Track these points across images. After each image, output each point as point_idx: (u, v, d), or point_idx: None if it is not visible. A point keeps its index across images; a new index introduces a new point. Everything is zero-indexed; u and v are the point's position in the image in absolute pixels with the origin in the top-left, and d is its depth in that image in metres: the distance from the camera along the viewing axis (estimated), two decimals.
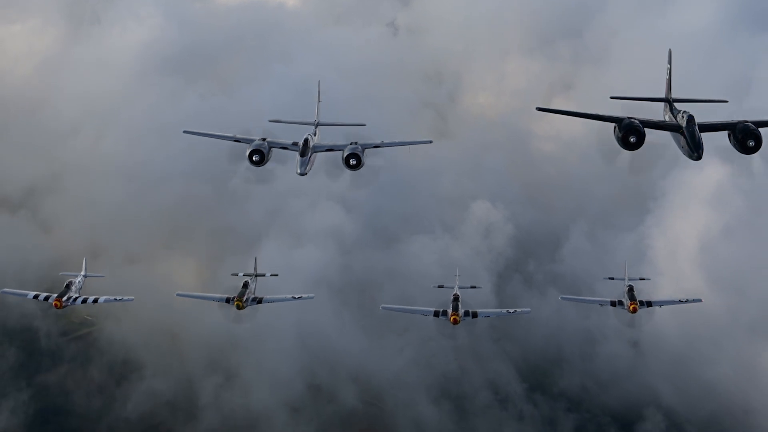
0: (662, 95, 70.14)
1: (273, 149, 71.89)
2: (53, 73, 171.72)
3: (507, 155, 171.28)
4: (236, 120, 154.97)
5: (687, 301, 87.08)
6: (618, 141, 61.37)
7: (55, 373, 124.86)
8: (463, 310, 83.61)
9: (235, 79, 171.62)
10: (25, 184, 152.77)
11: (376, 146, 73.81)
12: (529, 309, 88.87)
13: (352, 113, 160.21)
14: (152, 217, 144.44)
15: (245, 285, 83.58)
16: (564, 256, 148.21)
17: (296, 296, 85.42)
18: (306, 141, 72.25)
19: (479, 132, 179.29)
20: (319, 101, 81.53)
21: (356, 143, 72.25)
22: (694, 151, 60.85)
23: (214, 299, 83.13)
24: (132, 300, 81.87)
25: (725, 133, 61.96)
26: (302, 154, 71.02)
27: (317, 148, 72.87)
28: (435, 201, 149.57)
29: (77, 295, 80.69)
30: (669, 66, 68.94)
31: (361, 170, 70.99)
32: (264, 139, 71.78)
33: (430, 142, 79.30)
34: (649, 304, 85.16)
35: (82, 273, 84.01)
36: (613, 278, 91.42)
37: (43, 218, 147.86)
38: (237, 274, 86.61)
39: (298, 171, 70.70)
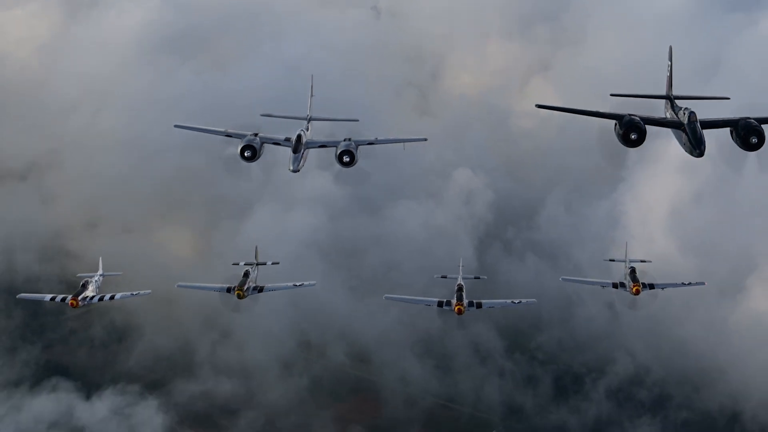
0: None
1: (265, 145, 69.92)
2: (52, 54, 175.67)
3: (487, 131, 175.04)
4: (229, 96, 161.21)
5: (690, 284, 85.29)
6: (618, 138, 60.49)
7: (61, 331, 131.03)
8: (467, 301, 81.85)
9: (228, 58, 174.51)
10: (27, 159, 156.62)
11: (370, 143, 72.15)
12: (534, 299, 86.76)
13: (339, 91, 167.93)
14: (149, 188, 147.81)
15: (246, 274, 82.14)
16: (541, 224, 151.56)
17: (297, 284, 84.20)
18: (299, 137, 70.70)
19: (460, 110, 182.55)
20: (311, 95, 79.78)
21: (350, 140, 70.64)
22: (696, 147, 59.94)
23: (214, 289, 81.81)
24: (149, 293, 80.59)
25: (727, 130, 60.93)
26: (295, 151, 69.73)
27: (310, 145, 71.42)
28: (419, 170, 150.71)
29: (94, 294, 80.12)
30: (670, 63, 68.01)
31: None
32: (256, 135, 69.99)
33: (425, 140, 77.24)
34: (652, 286, 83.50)
35: (99, 272, 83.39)
36: (614, 260, 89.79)
37: (44, 191, 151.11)
38: (238, 264, 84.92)
39: (291, 168, 69.45)
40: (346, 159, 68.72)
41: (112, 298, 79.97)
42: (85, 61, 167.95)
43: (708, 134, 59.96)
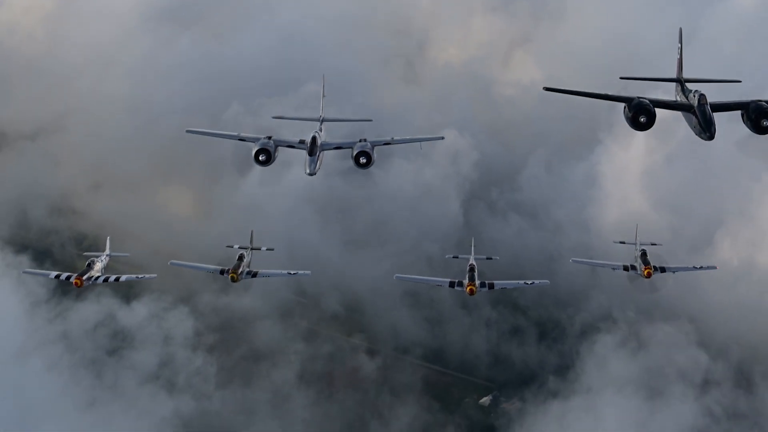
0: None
1: (279, 148, 68.53)
2: (57, 23, 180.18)
3: (471, 98, 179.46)
4: (226, 64, 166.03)
5: (702, 267, 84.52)
6: (628, 121, 59.38)
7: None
8: (479, 281, 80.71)
9: (225, 27, 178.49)
10: (35, 123, 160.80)
11: (386, 143, 70.84)
12: (547, 281, 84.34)
13: (329, 59, 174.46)
14: (151, 149, 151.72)
15: (240, 257, 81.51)
16: (522, 184, 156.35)
17: (292, 272, 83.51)
18: (314, 139, 68.88)
19: (446, 79, 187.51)
20: (323, 96, 77.99)
21: (365, 140, 69.17)
22: (706, 130, 58.77)
23: (208, 270, 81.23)
24: (155, 277, 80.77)
25: (738, 113, 59.90)
26: (310, 153, 67.85)
27: (325, 146, 69.85)
28: (408, 131, 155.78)
29: (99, 274, 79.21)
30: (680, 45, 66.32)
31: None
32: (270, 138, 68.67)
33: (442, 138, 77.17)
34: (663, 269, 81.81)
35: (106, 252, 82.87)
36: (624, 242, 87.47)
37: (52, 153, 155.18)
38: (232, 246, 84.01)
39: (307, 171, 67.75)
40: (362, 160, 67.96)
41: (117, 279, 79.66)
42: (89, 29, 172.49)
43: (718, 117, 58.98)
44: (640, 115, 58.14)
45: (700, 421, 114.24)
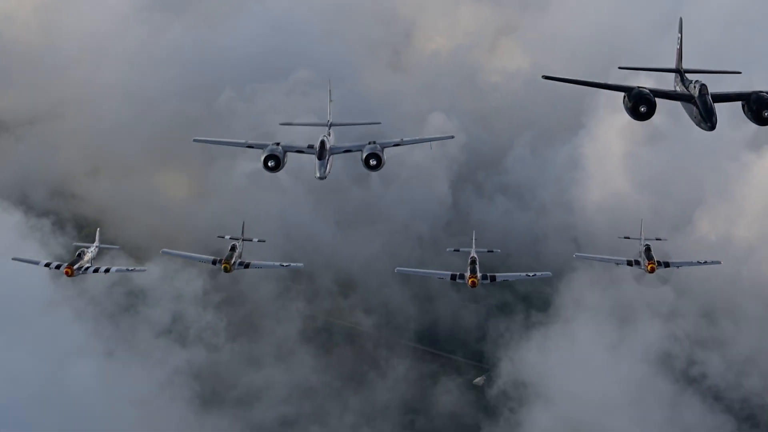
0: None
1: (288, 153, 68.81)
2: (51, 14, 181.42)
3: (458, 84, 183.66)
4: (218, 52, 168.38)
5: (706, 262, 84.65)
6: (627, 111, 59.02)
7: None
8: (481, 274, 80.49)
9: (217, 15, 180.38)
10: (32, 111, 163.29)
11: (396, 144, 70.19)
12: (549, 273, 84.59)
13: (319, 47, 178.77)
14: (147, 134, 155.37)
15: (233, 248, 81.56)
16: (508, 167, 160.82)
17: (285, 264, 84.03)
18: (323, 143, 69.44)
19: (433, 66, 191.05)
20: (330, 101, 78.30)
21: (375, 143, 68.84)
22: (707, 120, 58.24)
23: (201, 260, 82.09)
24: (144, 270, 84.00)
25: (739, 104, 59.41)
26: (320, 157, 68.36)
27: (334, 150, 70.05)
28: (396, 115, 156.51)
29: (89, 264, 79.47)
30: (680, 35, 65.72)
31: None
32: (278, 144, 68.66)
33: (452, 137, 76.71)
34: (667, 264, 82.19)
35: (96, 244, 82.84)
36: (629, 237, 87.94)
37: (50, 139, 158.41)
38: (223, 237, 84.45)
39: (317, 175, 68.23)
40: (372, 162, 67.61)
41: (107, 271, 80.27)
42: (83, 19, 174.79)
43: (719, 108, 58.63)
44: (640, 104, 58.06)
45: (666, 345, 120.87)
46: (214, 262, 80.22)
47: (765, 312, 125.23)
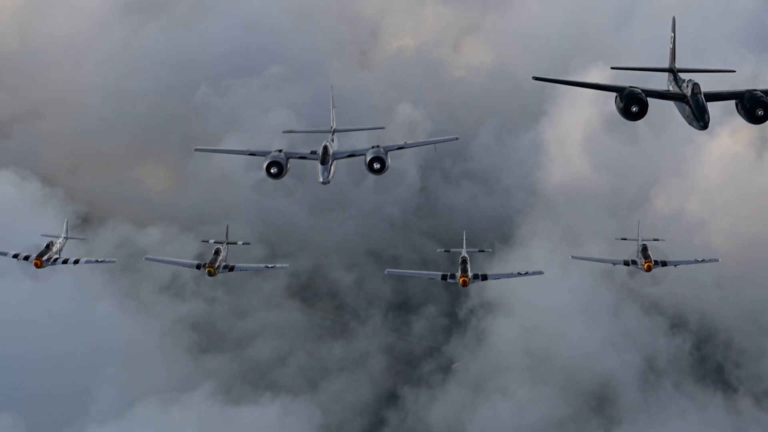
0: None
1: (291, 160, 68.89)
2: (30, 18, 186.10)
3: (423, 78, 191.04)
4: (193, 52, 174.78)
5: (703, 260, 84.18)
6: (619, 111, 58.50)
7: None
8: (472, 273, 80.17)
9: (191, 16, 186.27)
10: (10, 111, 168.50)
11: (400, 147, 70.44)
12: (542, 271, 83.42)
13: (290, 46, 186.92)
14: (126, 132, 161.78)
15: (217, 252, 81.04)
16: (474, 155, 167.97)
17: (269, 265, 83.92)
18: (325, 148, 69.34)
19: (399, 62, 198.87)
20: (333, 107, 78.58)
21: (378, 146, 69.03)
22: (700, 119, 57.83)
23: (185, 264, 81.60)
24: (114, 262, 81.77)
25: (733, 102, 59.27)
26: (323, 162, 68.40)
27: (337, 155, 70.12)
28: (365, 107, 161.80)
29: (58, 256, 79.01)
30: (673, 34, 65.79)
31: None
32: (281, 151, 68.71)
33: (456, 138, 77.58)
34: (664, 263, 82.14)
35: (63, 235, 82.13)
36: (626, 239, 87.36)
37: (30, 139, 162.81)
38: (208, 241, 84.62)
39: (320, 180, 68.34)
40: (376, 166, 68.09)
41: (76, 262, 79.31)
42: (61, 22, 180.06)
43: (712, 107, 58.33)
44: (632, 104, 57.79)
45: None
46: (198, 267, 79.50)
47: (697, 240, 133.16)
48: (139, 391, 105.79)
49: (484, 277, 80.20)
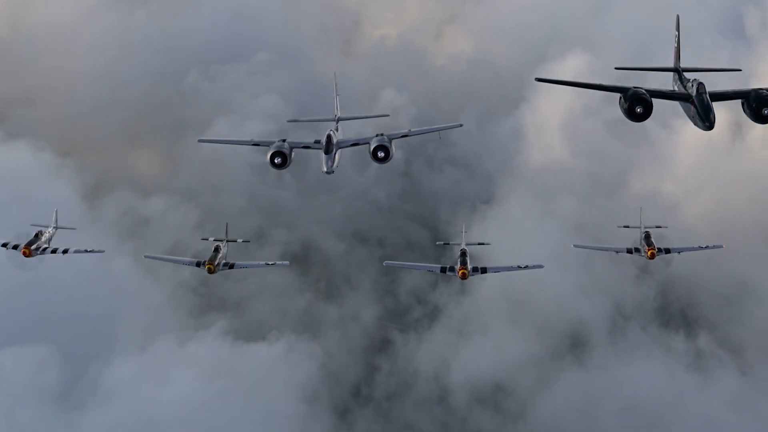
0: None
1: (295, 150, 67.81)
2: (22, 6, 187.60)
3: (406, 66, 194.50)
4: (181, 39, 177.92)
5: (707, 247, 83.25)
6: (623, 112, 57.31)
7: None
8: (471, 266, 79.36)
9: (179, 3, 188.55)
10: (2, 97, 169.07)
11: (404, 135, 68.97)
12: (542, 264, 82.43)
13: (275, 34, 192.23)
14: (117, 117, 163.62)
15: (216, 249, 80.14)
16: (455, 140, 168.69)
17: (270, 263, 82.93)
18: (329, 137, 68.09)
19: (382, 51, 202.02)
20: (336, 95, 77.88)
21: (383, 134, 67.40)
22: (705, 119, 56.87)
23: (184, 263, 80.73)
24: (103, 252, 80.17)
25: (738, 102, 58.12)
26: (326, 152, 67.01)
27: (342, 144, 68.67)
28: (349, 93, 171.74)
29: (47, 245, 78.21)
30: (677, 33, 64.61)
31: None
32: (284, 140, 67.71)
33: (461, 125, 76.05)
34: (668, 251, 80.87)
35: (53, 225, 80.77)
36: (628, 227, 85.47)
37: (22, 124, 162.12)
38: (207, 239, 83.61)
39: (324, 169, 66.96)
40: (381, 155, 66.45)
41: (65, 252, 78.29)
42: (51, 9, 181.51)
43: (718, 107, 57.35)
44: (637, 105, 56.48)
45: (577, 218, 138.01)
46: (198, 264, 78.82)
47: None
48: (158, 330, 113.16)
49: (484, 270, 79.28)
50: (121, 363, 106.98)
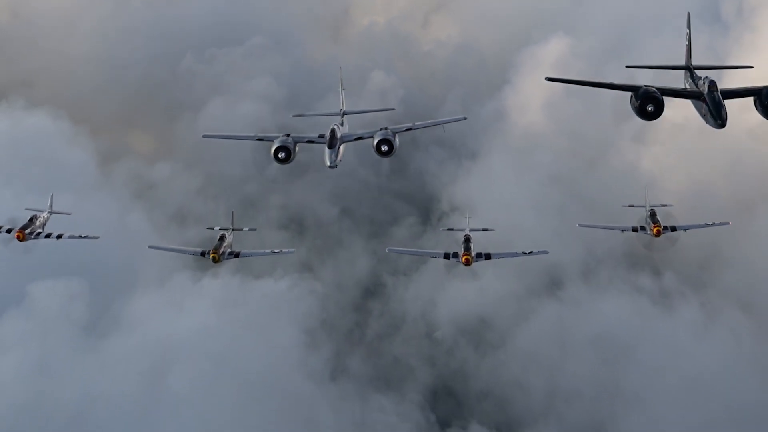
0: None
1: (299, 144, 69.68)
2: None
3: (393, 51, 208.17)
4: (177, 23, 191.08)
5: (714, 224, 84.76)
6: (635, 110, 58.35)
7: None
8: (475, 252, 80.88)
9: None
10: (2, 81, 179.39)
11: (408, 129, 71.32)
12: (547, 250, 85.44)
13: (268, 19, 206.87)
14: (116, 99, 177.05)
15: (221, 238, 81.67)
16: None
17: (276, 251, 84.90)
18: (333, 131, 69.82)
19: (371, 36, 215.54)
20: (342, 89, 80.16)
21: (386, 128, 69.55)
22: (717, 118, 57.62)
23: (188, 252, 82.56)
24: (98, 238, 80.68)
25: (750, 99, 59.37)
26: (330, 146, 68.78)
27: (345, 138, 70.66)
28: (337, 76, 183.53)
29: (41, 230, 79.58)
30: (688, 31, 65.60)
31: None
32: (288, 135, 69.20)
33: (465, 118, 79.99)
34: (674, 228, 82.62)
35: (48, 209, 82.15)
36: (633, 205, 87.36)
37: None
38: (213, 228, 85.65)
39: (328, 163, 68.69)
40: (384, 148, 68.68)
41: (59, 237, 79.61)
42: None
43: (730, 104, 58.33)
44: (648, 104, 57.59)
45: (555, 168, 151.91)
46: (203, 254, 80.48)
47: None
48: (175, 269, 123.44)
49: (488, 256, 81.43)
50: (141, 297, 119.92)
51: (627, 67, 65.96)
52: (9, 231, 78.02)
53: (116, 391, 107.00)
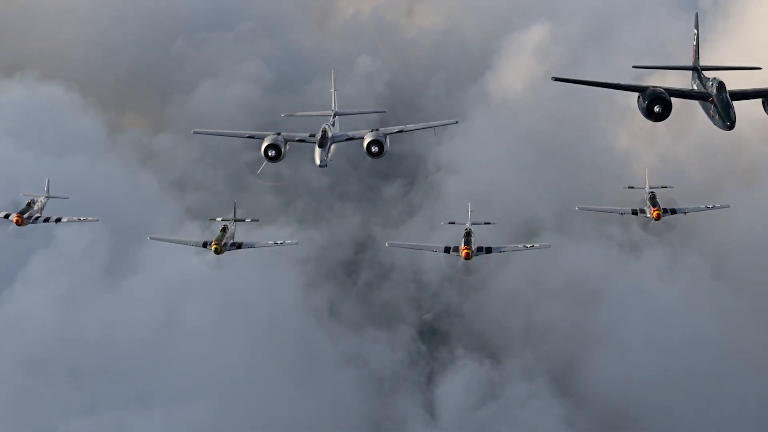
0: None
1: (289, 143, 72.48)
2: None
3: (378, 37, 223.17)
4: (165, 11, 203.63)
5: (714, 207, 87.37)
6: (642, 111, 60.39)
7: None
8: (476, 246, 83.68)
9: None
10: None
11: (399, 131, 75.41)
12: (549, 244, 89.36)
13: (256, 7, 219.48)
14: (109, 81, 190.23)
15: (224, 229, 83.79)
16: (425, 105, 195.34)
17: (278, 242, 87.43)
18: (324, 131, 72.69)
19: (356, 24, 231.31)
20: (335, 90, 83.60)
21: (377, 130, 73.06)
22: (726, 119, 59.39)
23: (190, 244, 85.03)
24: (97, 220, 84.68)
25: (759, 101, 62.00)
26: (320, 145, 71.76)
27: (336, 138, 73.96)
28: (328, 59, 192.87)
29: (39, 214, 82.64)
30: (696, 31, 67.92)
31: None
32: (279, 134, 72.06)
33: (456, 122, 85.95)
34: (674, 211, 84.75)
35: (45, 194, 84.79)
36: (633, 187, 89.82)
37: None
38: (215, 219, 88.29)
39: (318, 163, 71.57)
40: (374, 149, 72.37)
41: (58, 220, 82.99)
42: None
43: (738, 106, 60.29)
44: (655, 104, 59.85)
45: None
46: (204, 245, 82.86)
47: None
48: (186, 218, 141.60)
49: (489, 250, 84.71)
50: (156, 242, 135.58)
51: (634, 67, 68.40)
52: (7, 216, 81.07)
53: (134, 321, 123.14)
